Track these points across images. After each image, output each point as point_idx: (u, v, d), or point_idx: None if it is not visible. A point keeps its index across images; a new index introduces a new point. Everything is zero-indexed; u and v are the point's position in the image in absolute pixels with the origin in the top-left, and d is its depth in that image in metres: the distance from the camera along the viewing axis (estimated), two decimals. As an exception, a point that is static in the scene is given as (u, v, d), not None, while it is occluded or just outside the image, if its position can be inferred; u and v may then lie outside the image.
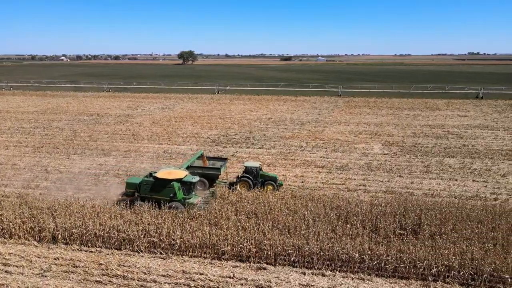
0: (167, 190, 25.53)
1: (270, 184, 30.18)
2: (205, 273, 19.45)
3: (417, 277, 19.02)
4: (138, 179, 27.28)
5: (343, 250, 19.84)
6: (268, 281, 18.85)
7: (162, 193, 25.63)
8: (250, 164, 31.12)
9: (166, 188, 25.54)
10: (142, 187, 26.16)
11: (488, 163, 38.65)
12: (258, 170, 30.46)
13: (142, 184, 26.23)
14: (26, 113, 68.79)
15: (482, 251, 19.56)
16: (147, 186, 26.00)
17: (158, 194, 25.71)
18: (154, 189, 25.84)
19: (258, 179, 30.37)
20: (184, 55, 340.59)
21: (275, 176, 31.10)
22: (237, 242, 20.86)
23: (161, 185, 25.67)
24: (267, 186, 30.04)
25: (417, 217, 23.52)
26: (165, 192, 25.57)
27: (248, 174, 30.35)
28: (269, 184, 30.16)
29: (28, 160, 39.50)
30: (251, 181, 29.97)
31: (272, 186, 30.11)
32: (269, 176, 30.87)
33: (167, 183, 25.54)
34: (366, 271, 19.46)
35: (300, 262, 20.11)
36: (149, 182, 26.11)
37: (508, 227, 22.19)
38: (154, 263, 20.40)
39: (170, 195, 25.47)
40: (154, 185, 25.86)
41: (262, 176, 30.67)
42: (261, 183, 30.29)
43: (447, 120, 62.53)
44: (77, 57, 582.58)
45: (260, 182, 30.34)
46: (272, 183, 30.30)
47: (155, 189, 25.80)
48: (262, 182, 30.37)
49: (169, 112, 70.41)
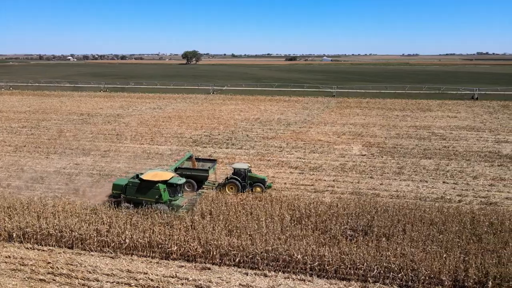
0: (152, 192, 25.43)
1: (259, 186, 29.90)
2: (149, 272, 19.71)
3: (358, 279, 19.11)
4: (125, 180, 27.14)
5: (286, 251, 19.97)
6: (209, 281, 19.05)
7: (148, 195, 25.53)
8: (238, 166, 30.85)
9: (151, 190, 25.44)
10: (128, 188, 26.07)
11: (464, 165, 38.42)
12: (246, 172, 30.12)
13: (128, 186, 26.11)
14: (18, 112, 69.71)
15: (423, 253, 19.55)
16: (133, 188, 25.89)
17: (143, 196, 25.62)
18: (139, 191, 25.74)
19: (247, 181, 30.06)
20: (188, 55, 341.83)
21: (263, 178, 30.74)
22: (184, 242, 21.09)
23: (147, 187, 25.54)
24: (255, 188, 29.81)
25: (372, 218, 23.53)
26: (151, 194, 25.47)
27: (237, 176, 30.04)
28: (257, 186, 29.89)
29: (7, 159, 40.14)
30: (239, 183, 29.63)
31: (261, 188, 29.83)
32: (257, 178, 30.50)
33: (152, 185, 25.42)
34: (308, 272, 19.59)
35: (245, 262, 20.29)
36: (135, 184, 25.93)
37: (457, 229, 22.13)
38: (102, 262, 20.71)
39: (155, 197, 25.39)
40: (139, 187, 25.75)
41: (251, 178, 30.33)
42: (250, 185, 30.05)
43: (436, 121, 62.15)
44: (84, 57, 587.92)
45: (249, 184, 30.10)
46: (261, 185, 30.01)
47: (141, 191, 25.70)
48: (250, 184, 30.11)
49: (159, 112, 70.88)
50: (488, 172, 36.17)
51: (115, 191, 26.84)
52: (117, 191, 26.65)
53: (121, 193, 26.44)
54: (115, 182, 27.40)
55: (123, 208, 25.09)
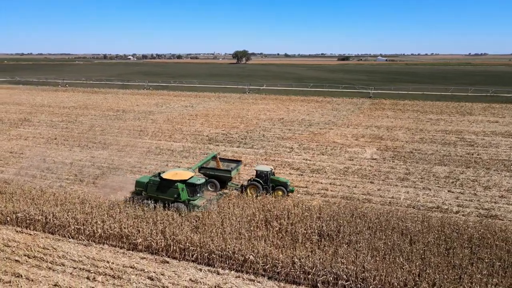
0: (171, 191, 25.75)
1: (280, 190, 29.21)
2: (112, 261, 20.80)
3: (308, 283, 18.78)
4: (147, 178, 27.57)
5: (240, 251, 20.10)
6: (162, 274, 19.71)
7: (167, 193, 25.88)
8: (261, 168, 30.18)
9: (170, 189, 25.76)
10: (149, 186, 26.54)
11: (481, 173, 35.72)
12: (268, 175, 29.48)
13: (149, 184, 26.59)
14: (63, 108, 75.51)
15: (380, 262, 18.71)
16: (154, 186, 26.34)
17: (163, 195, 26.00)
18: (159, 189, 26.13)
19: (269, 183, 29.38)
20: (238, 54, 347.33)
21: (286, 182, 29.85)
22: (149, 235, 21.97)
23: (166, 186, 25.89)
24: (277, 191, 29.16)
25: (342, 223, 22.84)
26: (170, 192, 25.80)
27: (259, 178, 29.52)
28: (279, 190, 29.21)
29: (35, 150, 43.85)
30: (261, 186, 29.15)
31: (282, 192, 29.10)
32: (279, 181, 29.70)
33: (171, 184, 25.74)
34: (260, 273, 19.58)
35: (202, 259, 20.72)
36: (156, 182, 26.35)
37: (429, 241, 20.83)
38: (75, 249, 22.18)
39: (174, 196, 25.68)
40: (160, 185, 26.13)
41: (273, 181, 29.62)
42: (272, 188, 29.42)
43: (472, 126, 58.07)
44: (143, 56, 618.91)
45: (271, 187, 29.45)
46: (282, 188, 29.25)
47: (161, 189, 26.08)
48: (272, 187, 29.46)
49: (190, 110, 73.12)
50: (505, 183, 33.34)
51: (137, 188, 27.41)
52: (140, 188, 27.22)
53: (143, 190, 26.93)
54: (138, 179, 28.03)
55: (144, 205, 25.52)
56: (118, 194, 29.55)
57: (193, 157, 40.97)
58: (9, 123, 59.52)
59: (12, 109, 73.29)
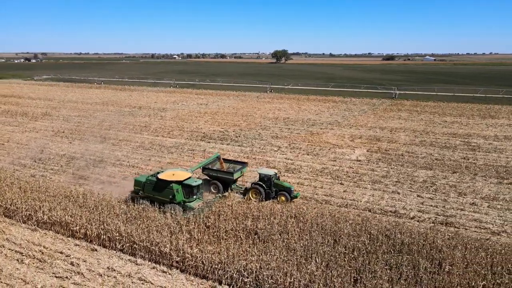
0: (167, 192, 25.30)
1: (283, 195, 27.66)
2: (47, 246, 22.11)
3: (214, 278, 18.94)
4: (145, 177, 27.08)
5: (156, 243, 20.65)
6: (84, 260, 20.67)
7: (163, 194, 25.49)
8: (264, 171, 28.62)
9: (166, 190, 25.33)
10: (146, 186, 26.19)
11: (464, 179, 33.61)
12: (271, 179, 28.01)
13: (146, 184, 26.22)
14: (87, 103, 80.00)
15: (284, 263, 18.46)
16: (150, 185, 26.00)
17: (159, 195, 25.63)
18: (156, 189, 25.77)
19: (272, 188, 28.01)
20: (278, 54, 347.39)
21: (290, 187, 28.26)
22: (86, 224, 23.09)
23: (162, 186, 25.48)
24: (280, 196, 27.70)
25: (272, 222, 22.68)
26: (165, 193, 25.38)
27: (261, 181, 28.14)
28: (282, 195, 27.69)
29: (39, 142, 47.02)
30: (263, 190, 27.73)
31: (285, 198, 27.53)
32: (283, 186, 28.20)
33: (167, 185, 25.31)
34: (174, 266, 20.00)
35: (128, 249, 21.46)
36: (152, 182, 26.00)
37: (354, 244, 20.15)
38: (22, 233, 23.78)
39: (169, 197, 25.23)
40: (156, 185, 25.76)
41: (276, 186, 28.24)
42: (275, 193, 28.17)
43: (486, 129, 54.49)
44: (187, 55, 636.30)
45: (274, 191, 28.17)
46: (285, 194, 27.65)
47: (157, 190, 25.72)
48: (276, 191, 28.15)
49: (202, 108, 74.64)
50: (486, 190, 31.17)
51: (136, 187, 27.03)
52: (138, 187, 26.82)
53: (140, 189, 26.57)
54: (137, 178, 27.60)
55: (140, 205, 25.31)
56: (87, 184, 31.21)
57: (179, 153, 42.04)
58: (31, 116, 64.12)
59: (41, 104, 78.81)
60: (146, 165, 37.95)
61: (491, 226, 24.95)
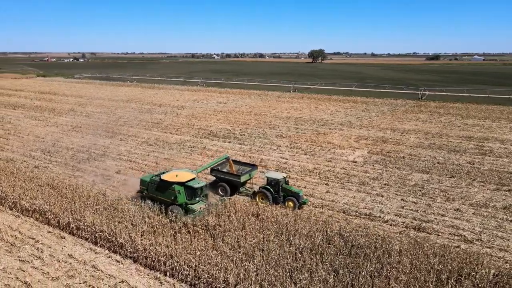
0: (169, 193, 24.97)
1: (291, 201, 26.74)
2: (22, 232, 23.65)
3: (161, 270, 19.46)
4: (149, 177, 27.03)
5: (115, 233, 21.50)
6: (49, 246, 21.93)
7: (165, 194, 25.21)
8: (271, 175, 27.93)
9: (168, 191, 25.02)
10: (149, 186, 26.10)
11: (460, 184, 31.96)
12: (279, 183, 27.18)
13: (149, 183, 26.13)
14: (112, 100, 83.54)
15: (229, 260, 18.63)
16: (154, 186, 25.85)
17: (162, 195, 25.40)
18: (159, 190, 25.57)
19: (280, 193, 27.23)
20: (314, 53, 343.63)
21: (298, 192, 27.25)
22: (59, 213, 24.44)
23: (165, 187, 25.20)
24: (288, 202, 26.78)
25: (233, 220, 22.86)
26: (168, 194, 25.07)
27: (269, 186, 27.46)
28: (290, 200, 26.78)
29: (55, 136, 49.89)
30: (270, 194, 27.05)
31: (293, 203, 26.58)
32: (291, 191, 27.22)
33: (169, 185, 24.97)
34: (128, 256, 20.75)
35: (91, 237, 22.53)
36: (155, 182, 25.85)
37: (305, 244, 19.93)
38: (6, 219, 25.46)
39: (171, 198, 24.89)
40: (159, 186, 25.57)
41: (284, 190, 27.38)
42: (283, 198, 27.31)
43: (510, 133, 51.21)
44: (226, 55, 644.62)
45: (282, 196, 27.36)
46: (293, 199, 26.71)
47: (160, 190, 25.51)
48: (284, 196, 27.32)
49: (220, 106, 75.67)
50: (479, 196, 29.48)
51: (141, 186, 26.87)
52: (143, 187, 26.69)
53: (145, 189, 26.49)
54: (142, 178, 27.38)
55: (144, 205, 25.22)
56: (81, 176, 32.89)
57: (178, 150, 43.06)
58: (57, 112, 68.04)
59: (70, 100, 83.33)
60: (143, 160, 39.28)
61: (467, 233, 23.66)
